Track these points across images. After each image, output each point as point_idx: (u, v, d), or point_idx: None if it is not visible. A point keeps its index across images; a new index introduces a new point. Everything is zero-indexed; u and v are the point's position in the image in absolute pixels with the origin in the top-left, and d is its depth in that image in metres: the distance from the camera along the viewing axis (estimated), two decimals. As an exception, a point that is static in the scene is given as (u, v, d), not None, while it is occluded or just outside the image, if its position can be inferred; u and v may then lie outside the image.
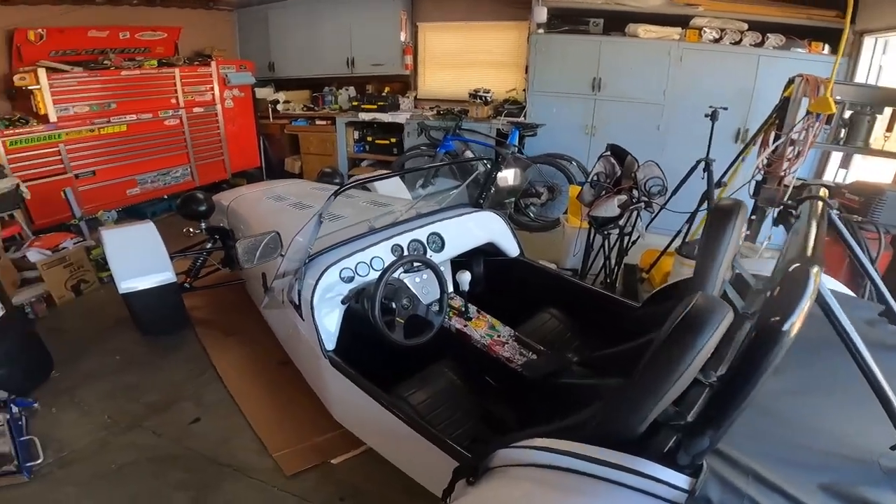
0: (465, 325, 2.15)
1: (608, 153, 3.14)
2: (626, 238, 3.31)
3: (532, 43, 4.63)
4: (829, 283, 1.69)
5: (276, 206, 2.82)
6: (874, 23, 3.64)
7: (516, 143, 4.77)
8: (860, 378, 0.93)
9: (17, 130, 3.98)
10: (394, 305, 1.80)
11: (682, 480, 0.87)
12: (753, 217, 3.42)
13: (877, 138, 2.94)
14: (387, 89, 5.96)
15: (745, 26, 4.05)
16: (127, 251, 2.63)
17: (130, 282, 2.63)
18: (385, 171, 3.56)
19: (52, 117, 4.18)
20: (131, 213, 5.03)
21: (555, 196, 4.80)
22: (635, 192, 3.12)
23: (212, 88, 5.34)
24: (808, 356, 1.12)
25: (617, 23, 4.43)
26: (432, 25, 5.67)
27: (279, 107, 6.09)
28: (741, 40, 4.08)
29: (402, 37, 5.51)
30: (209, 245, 3.20)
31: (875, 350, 1.03)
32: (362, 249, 1.95)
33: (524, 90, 5.06)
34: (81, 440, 2.20)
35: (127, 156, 4.75)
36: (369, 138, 5.88)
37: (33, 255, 3.27)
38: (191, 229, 3.15)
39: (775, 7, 4.03)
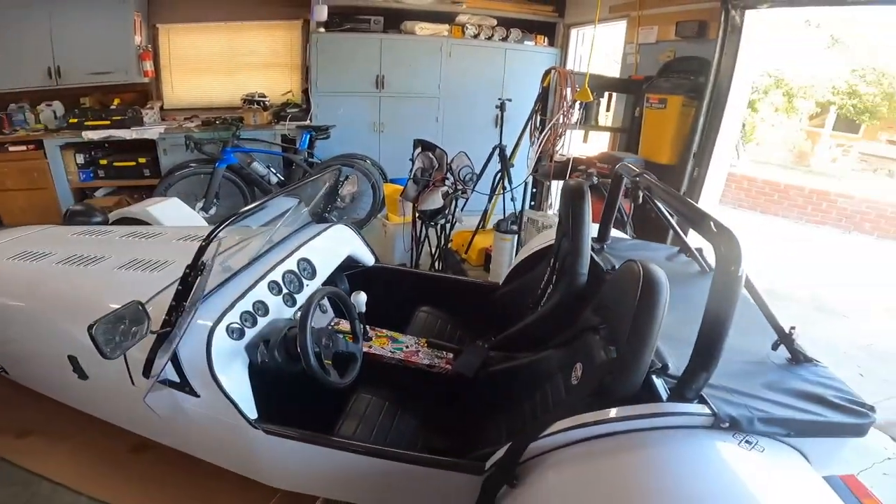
0: (371, 347, 2.04)
1: (420, 149, 3.31)
2: (449, 225, 3.59)
3: (313, 42, 4.45)
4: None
5: (46, 269, 2.00)
6: (577, 17, 4.69)
7: (307, 148, 4.55)
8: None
9: None
10: (318, 349, 1.59)
11: (700, 409, 1.07)
12: (535, 190, 4.15)
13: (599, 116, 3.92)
14: (116, 101, 4.81)
15: (495, 22, 4.74)
16: None
17: None
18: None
19: None
20: None
21: (356, 196, 4.79)
22: (447, 182, 3.41)
23: None
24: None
25: (395, 20, 4.63)
26: (179, 27, 4.83)
27: (-63, 133, 4.25)
28: (493, 35, 4.78)
29: (137, 40, 4.53)
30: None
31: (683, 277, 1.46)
32: (241, 297, 1.61)
33: (303, 91, 4.82)
34: None
35: None
36: (103, 161, 4.64)
37: None
38: None
39: (512, 4, 4.79)
